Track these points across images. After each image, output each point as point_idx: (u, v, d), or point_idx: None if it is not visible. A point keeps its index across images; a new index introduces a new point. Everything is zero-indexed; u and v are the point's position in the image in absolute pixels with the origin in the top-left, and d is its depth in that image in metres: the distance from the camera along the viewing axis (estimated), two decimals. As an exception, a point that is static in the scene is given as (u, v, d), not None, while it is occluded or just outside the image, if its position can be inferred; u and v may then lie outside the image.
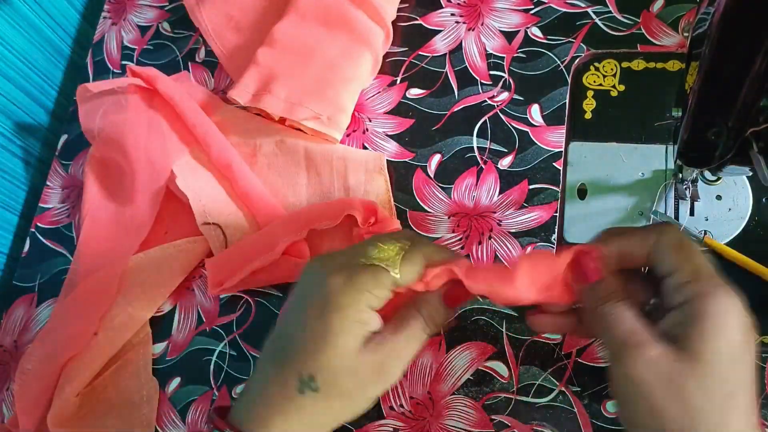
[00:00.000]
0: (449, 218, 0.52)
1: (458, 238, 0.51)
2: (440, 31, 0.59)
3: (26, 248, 0.61)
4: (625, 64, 0.54)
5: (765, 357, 0.44)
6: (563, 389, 0.46)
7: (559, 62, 0.55)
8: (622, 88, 0.54)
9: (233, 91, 0.56)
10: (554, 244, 0.50)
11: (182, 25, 0.65)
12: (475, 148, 0.54)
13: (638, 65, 0.54)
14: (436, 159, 0.54)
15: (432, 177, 0.54)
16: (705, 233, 0.48)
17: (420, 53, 0.59)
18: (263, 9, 0.62)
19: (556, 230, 0.50)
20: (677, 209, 0.49)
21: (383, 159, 0.55)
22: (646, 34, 0.54)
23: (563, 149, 0.52)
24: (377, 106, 0.58)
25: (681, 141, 0.38)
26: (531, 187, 0.52)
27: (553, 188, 0.51)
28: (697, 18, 0.35)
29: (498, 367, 0.47)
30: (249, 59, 0.58)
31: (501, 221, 0.51)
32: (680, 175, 0.47)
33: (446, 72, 0.57)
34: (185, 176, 0.55)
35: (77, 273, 0.56)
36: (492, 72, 0.56)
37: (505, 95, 0.55)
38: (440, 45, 0.58)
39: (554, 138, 0.53)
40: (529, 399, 0.46)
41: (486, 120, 0.55)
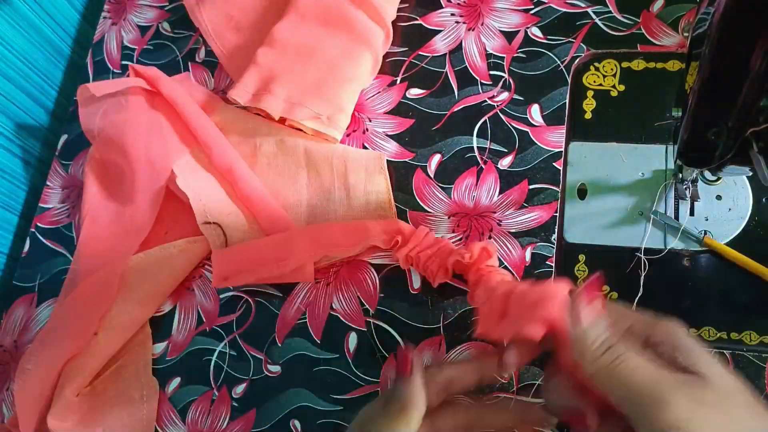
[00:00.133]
0: (449, 218, 0.52)
1: (458, 238, 0.51)
2: (440, 31, 0.59)
3: (26, 248, 0.61)
4: (625, 64, 0.54)
5: (765, 357, 0.44)
6: (563, 389, 0.46)
7: (559, 62, 0.55)
8: (622, 88, 0.54)
9: (233, 91, 0.56)
10: (554, 244, 0.50)
11: (182, 25, 0.65)
12: (475, 148, 0.54)
13: (638, 65, 0.54)
14: (436, 159, 0.54)
15: (432, 177, 0.54)
16: (705, 233, 0.48)
17: (420, 53, 0.59)
18: (263, 9, 0.62)
19: (556, 230, 0.50)
20: (677, 209, 0.49)
21: (383, 158, 0.55)
22: (646, 34, 0.54)
23: (563, 149, 0.52)
24: (377, 106, 0.58)
25: (681, 141, 0.38)
26: (531, 187, 0.52)
27: (553, 188, 0.51)
28: (697, 18, 0.35)
29: (498, 367, 0.47)
30: (249, 59, 0.58)
31: (501, 221, 0.51)
32: (680, 175, 0.47)
33: (446, 72, 0.57)
34: (185, 176, 0.55)
35: (77, 273, 0.56)
36: (492, 72, 0.56)
37: (505, 95, 0.55)
38: (440, 45, 0.58)
39: (554, 138, 0.53)
40: (529, 399, 0.46)
41: (486, 120, 0.55)
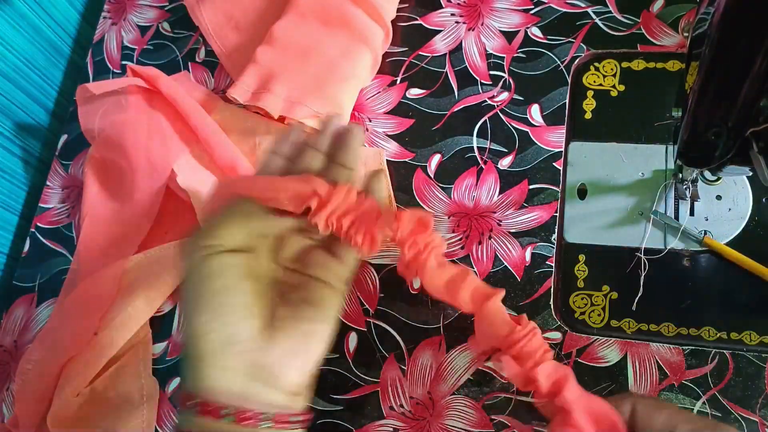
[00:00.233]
0: (449, 218, 0.52)
1: (458, 238, 0.51)
2: (440, 31, 0.59)
3: (26, 248, 0.61)
4: (625, 64, 0.54)
5: (765, 357, 0.44)
6: (563, 389, 0.46)
7: (559, 62, 0.55)
8: (622, 88, 0.54)
9: (233, 90, 0.56)
10: (554, 244, 0.50)
11: (182, 25, 0.65)
12: (475, 148, 0.54)
13: (638, 65, 0.54)
14: (436, 159, 0.54)
15: (432, 177, 0.54)
16: (705, 233, 0.48)
17: (420, 53, 0.58)
18: (263, 8, 0.62)
19: (556, 230, 0.50)
20: (677, 209, 0.49)
21: (383, 155, 0.55)
22: (646, 34, 0.54)
23: (563, 149, 0.52)
24: (377, 106, 0.58)
25: (681, 141, 0.38)
26: (531, 187, 0.52)
27: (553, 188, 0.51)
28: (697, 18, 0.35)
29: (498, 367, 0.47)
30: (249, 58, 0.58)
31: (501, 221, 0.51)
32: (680, 175, 0.47)
33: (446, 72, 0.57)
34: (186, 174, 0.55)
35: (77, 273, 0.56)
36: (492, 72, 0.56)
37: (505, 95, 0.55)
38: (440, 45, 0.58)
39: (554, 138, 0.53)
40: (529, 399, 0.46)
41: (486, 120, 0.55)
